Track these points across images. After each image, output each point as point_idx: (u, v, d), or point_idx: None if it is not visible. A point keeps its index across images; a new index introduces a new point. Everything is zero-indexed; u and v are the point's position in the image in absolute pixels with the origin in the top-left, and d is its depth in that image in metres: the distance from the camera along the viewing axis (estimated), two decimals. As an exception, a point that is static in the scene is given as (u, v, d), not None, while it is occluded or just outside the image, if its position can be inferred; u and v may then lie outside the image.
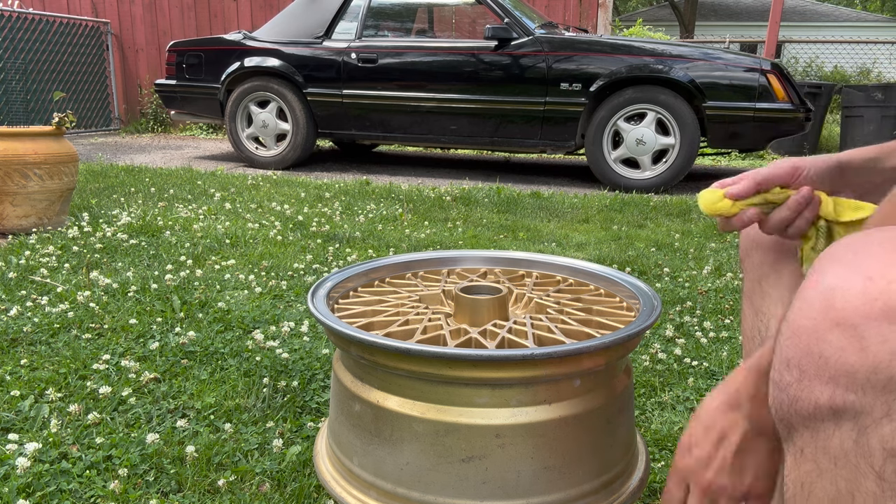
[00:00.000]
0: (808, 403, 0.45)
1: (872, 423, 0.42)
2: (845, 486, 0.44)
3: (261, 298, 1.93)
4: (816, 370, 0.44)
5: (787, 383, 0.46)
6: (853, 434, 0.43)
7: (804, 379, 0.45)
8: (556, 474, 0.72)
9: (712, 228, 3.00)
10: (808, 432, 0.46)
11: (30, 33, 7.13)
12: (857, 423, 0.43)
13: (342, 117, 4.78)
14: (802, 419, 0.46)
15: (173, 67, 5.17)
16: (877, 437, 0.42)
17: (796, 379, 0.46)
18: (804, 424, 0.46)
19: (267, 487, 1.06)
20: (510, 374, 0.68)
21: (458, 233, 2.82)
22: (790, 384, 0.46)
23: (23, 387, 1.36)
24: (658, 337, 1.71)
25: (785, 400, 0.47)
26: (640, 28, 9.49)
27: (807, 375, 0.45)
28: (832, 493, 0.45)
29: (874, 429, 0.42)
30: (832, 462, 0.45)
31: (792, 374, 0.46)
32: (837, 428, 0.44)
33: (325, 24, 4.79)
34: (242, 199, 3.46)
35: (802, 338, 0.45)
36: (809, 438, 0.46)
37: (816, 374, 0.44)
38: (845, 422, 0.44)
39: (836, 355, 0.43)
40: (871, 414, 0.42)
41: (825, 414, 0.44)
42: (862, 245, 0.44)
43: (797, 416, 0.47)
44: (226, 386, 1.39)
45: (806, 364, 0.45)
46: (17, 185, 2.61)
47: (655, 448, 1.20)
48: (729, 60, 4.02)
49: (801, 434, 0.47)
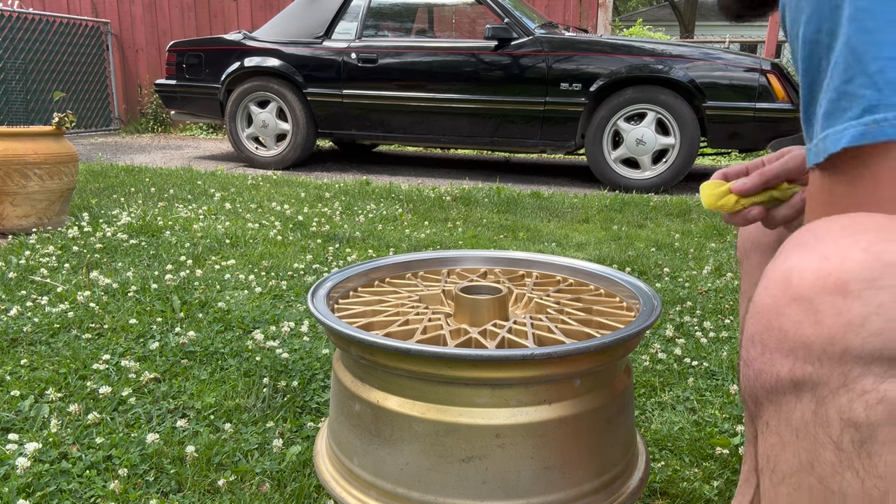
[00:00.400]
0: (770, 376, 0.47)
1: (829, 394, 0.44)
2: (806, 457, 0.46)
3: (261, 298, 1.93)
4: (777, 344, 0.46)
5: (752, 358, 0.48)
6: (812, 405, 0.45)
7: (766, 353, 0.47)
8: (556, 474, 0.72)
9: (712, 228, 3.00)
10: (772, 406, 0.48)
11: (30, 33, 7.13)
12: (815, 395, 0.45)
13: (342, 117, 4.78)
14: (766, 392, 0.48)
15: (173, 67, 5.17)
16: (834, 408, 0.44)
17: (759, 353, 0.47)
18: (768, 398, 0.48)
19: (267, 487, 1.06)
20: (510, 374, 0.68)
21: (458, 233, 2.82)
22: (755, 359, 0.48)
23: (23, 387, 1.36)
24: (658, 337, 1.71)
25: (751, 375, 0.49)
26: (640, 28, 9.49)
27: (768, 349, 0.46)
28: (794, 464, 0.47)
29: (831, 399, 0.44)
30: (794, 434, 0.46)
31: (756, 349, 0.48)
32: (798, 400, 0.46)
33: (325, 24, 4.79)
34: (242, 199, 3.46)
35: (764, 314, 0.47)
36: (773, 412, 0.48)
37: (777, 348, 0.46)
38: (805, 393, 0.45)
39: (794, 328, 0.44)
40: (828, 385, 0.44)
41: (786, 386, 0.46)
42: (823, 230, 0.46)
43: (762, 390, 0.48)
44: (226, 386, 1.39)
45: (767, 338, 0.46)
46: (17, 185, 2.61)
47: (655, 448, 1.20)
48: (729, 60, 4.02)
49: (766, 408, 0.49)
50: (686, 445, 1.20)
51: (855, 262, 0.43)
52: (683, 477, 1.12)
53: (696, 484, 1.09)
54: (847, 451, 0.44)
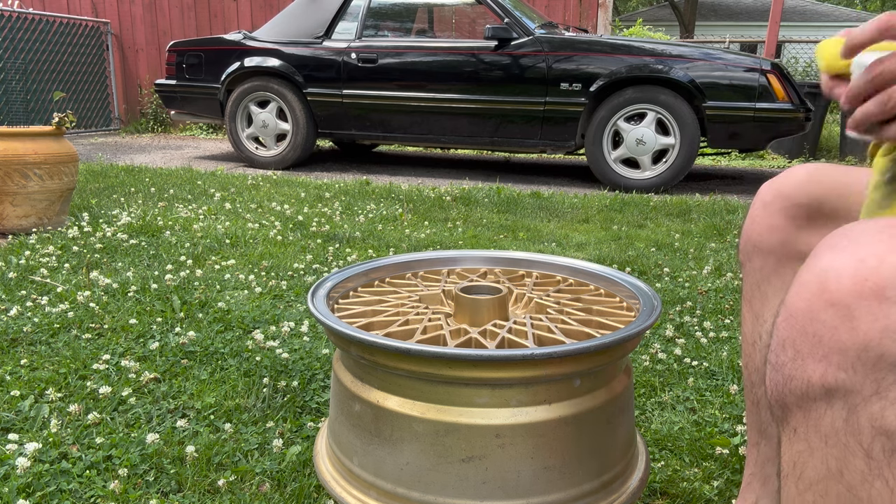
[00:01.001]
0: (801, 382, 0.46)
1: (862, 402, 0.43)
2: (835, 465, 0.45)
3: (261, 298, 1.93)
4: (810, 349, 0.45)
5: (782, 363, 0.47)
6: (843, 412, 0.44)
7: (798, 358, 0.46)
8: (556, 474, 0.72)
9: (712, 228, 3.00)
10: (801, 412, 0.47)
11: (30, 33, 7.13)
12: (847, 402, 0.44)
13: (342, 117, 4.78)
14: (796, 398, 0.47)
15: (173, 67, 5.17)
16: (866, 416, 0.43)
17: (791, 358, 0.47)
18: (797, 404, 0.47)
19: (267, 487, 1.06)
20: (510, 374, 0.68)
21: (458, 233, 2.82)
22: (785, 363, 0.47)
23: (23, 387, 1.36)
24: (658, 337, 1.71)
25: (780, 380, 0.48)
26: (640, 28, 9.49)
27: (801, 354, 0.46)
28: (822, 471, 0.46)
29: (864, 407, 0.43)
30: (823, 441, 0.46)
31: (787, 354, 0.47)
32: (829, 406, 0.45)
33: (325, 24, 4.79)
34: (242, 199, 3.46)
35: (798, 318, 0.46)
36: (802, 418, 0.47)
37: (810, 353, 0.45)
38: (836, 400, 0.44)
39: (829, 334, 0.43)
40: (861, 392, 0.43)
41: (817, 393, 0.45)
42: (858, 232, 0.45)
43: (791, 396, 0.47)
44: (226, 386, 1.39)
45: (800, 343, 0.46)
46: (17, 185, 2.61)
47: (655, 448, 1.20)
48: (729, 60, 4.02)
49: (794, 414, 0.48)
50: (686, 445, 1.20)
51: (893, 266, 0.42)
52: (683, 477, 1.12)
53: (696, 484, 1.09)
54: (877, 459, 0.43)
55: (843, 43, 0.59)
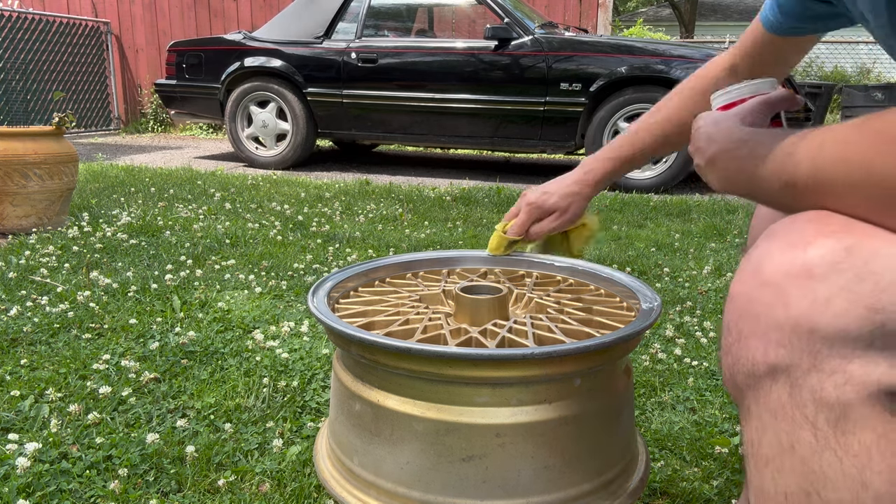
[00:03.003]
0: (747, 361, 0.49)
1: (802, 375, 0.45)
2: (786, 439, 0.47)
3: (261, 298, 1.93)
4: (751, 329, 0.48)
5: (729, 345, 0.50)
6: (787, 387, 0.46)
7: (741, 339, 0.49)
8: (556, 474, 0.72)
9: (712, 228, 3.00)
10: (751, 391, 0.49)
11: (30, 33, 7.13)
12: (789, 377, 0.46)
13: (342, 117, 4.78)
14: (744, 378, 0.49)
15: (173, 67, 5.17)
16: (807, 389, 0.45)
17: (735, 339, 0.49)
18: (746, 383, 0.49)
19: (267, 487, 1.06)
20: (510, 373, 0.68)
21: (458, 233, 2.82)
22: (731, 345, 0.50)
23: (23, 387, 1.36)
24: (658, 337, 1.71)
25: (729, 362, 0.51)
26: (640, 28, 9.48)
27: (743, 335, 0.48)
28: (776, 447, 0.48)
29: (804, 380, 0.45)
30: (773, 417, 0.48)
31: (732, 336, 0.50)
32: (774, 382, 0.47)
33: (325, 24, 4.79)
34: (242, 199, 3.46)
35: (737, 301, 0.49)
36: (752, 396, 0.49)
37: (751, 333, 0.48)
38: (779, 376, 0.47)
39: (765, 312, 0.46)
40: (800, 366, 0.45)
41: (762, 370, 0.48)
42: (789, 221, 0.49)
43: (740, 376, 0.50)
44: (226, 386, 1.39)
45: (742, 325, 0.48)
46: (17, 185, 2.61)
47: (655, 448, 1.20)
48: (729, 60, 4.02)
49: (745, 394, 0.50)
50: (686, 445, 1.20)
51: (819, 247, 0.45)
52: (683, 477, 1.12)
53: (696, 483, 1.09)
54: (823, 430, 0.45)
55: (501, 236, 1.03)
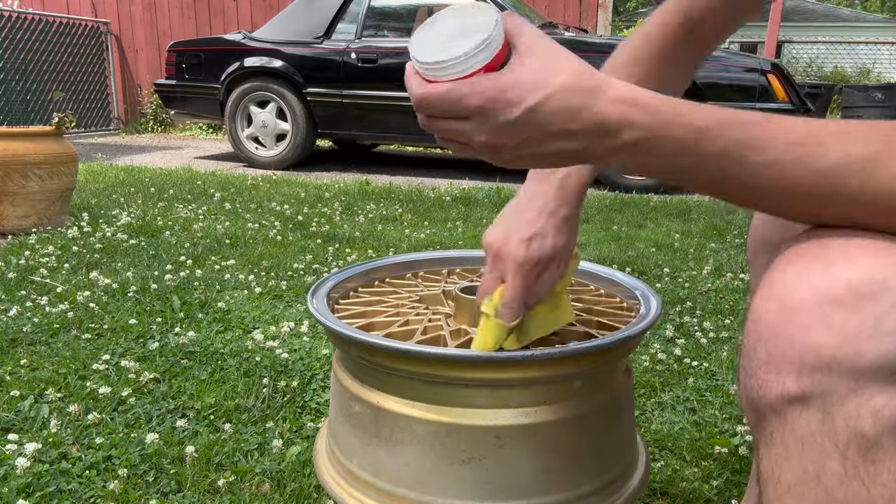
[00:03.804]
0: (776, 386, 0.46)
1: (837, 402, 0.44)
2: (812, 468, 0.45)
3: (261, 298, 1.93)
4: (783, 352, 0.45)
5: (755, 367, 0.48)
6: (819, 415, 0.45)
7: (771, 362, 0.46)
8: (556, 475, 0.72)
9: (712, 228, 3.00)
10: (777, 417, 0.47)
11: (30, 33, 7.13)
12: (822, 403, 0.44)
13: (342, 117, 4.78)
14: (771, 403, 0.47)
15: (173, 67, 5.17)
16: (841, 417, 0.44)
17: (763, 363, 0.47)
18: (772, 409, 0.47)
19: (267, 487, 1.06)
20: (510, 374, 0.68)
21: (458, 233, 2.82)
22: (757, 368, 0.47)
23: (23, 387, 1.35)
24: (658, 337, 1.71)
25: (754, 385, 0.48)
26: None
27: (773, 359, 0.46)
28: (799, 474, 0.46)
29: (839, 408, 0.44)
30: (799, 444, 0.46)
31: (759, 358, 0.47)
32: (804, 409, 0.45)
33: (324, 25, 4.79)
34: (242, 199, 3.46)
35: (769, 322, 0.46)
36: (778, 423, 0.47)
37: (783, 357, 0.45)
38: (812, 402, 0.45)
39: (802, 336, 0.44)
40: (836, 392, 0.43)
41: (793, 396, 0.45)
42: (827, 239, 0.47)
43: (765, 401, 0.48)
44: (226, 386, 1.39)
45: (773, 347, 0.46)
46: (16, 185, 2.61)
47: (655, 448, 1.20)
48: (729, 60, 4.02)
49: (769, 419, 0.48)
50: (686, 445, 1.20)
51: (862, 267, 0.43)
52: (683, 477, 1.12)
53: (696, 484, 1.09)
54: (853, 460, 0.43)
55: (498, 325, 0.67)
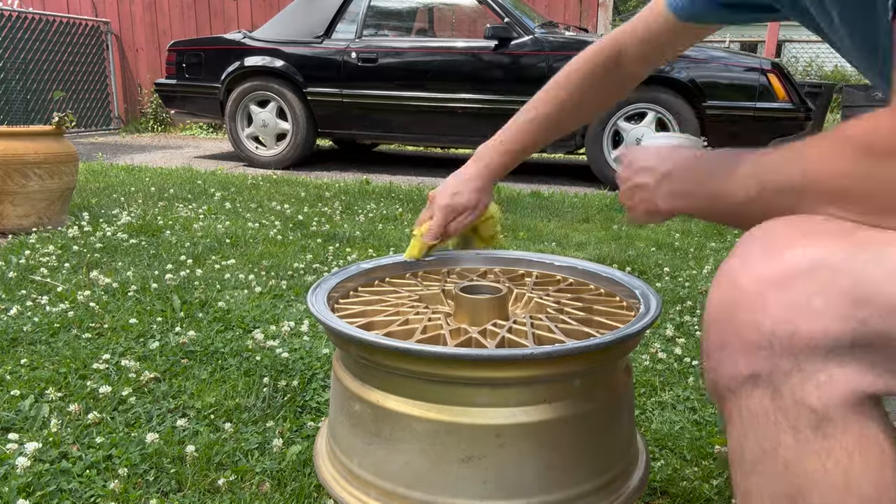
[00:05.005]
0: (728, 367, 0.49)
1: (783, 379, 0.46)
2: (769, 444, 0.48)
3: (261, 298, 1.93)
4: (731, 335, 0.48)
5: (710, 351, 0.51)
6: (769, 392, 0.47)
7: (724, 346, 0.49)
8: (557, 474, 0.72)
9: (712, 228, 3.00)
10: (734, 397, 0.50)
11: (30, 33, 7.12)
12: (770, 381, 0.47)
13: (342, 117, 4.78)
14: (727, 383, 0.50)
15: (173, 67, 5.17)
16: (788, 393, 0.46)
17: (717, 347, 0.50)
18: (729, 389, 0.50)
19: (267, 487, 1.06)
20: (510, 373, 0.68)
21: (458, 232, 2.81)
22: (712, 352, 0.50)
23: (23, 386, 1.36)
24: (658, 337, 1.71)
25: (712, 368, 0.51)
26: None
27: (725, 342, 0.49)
28: (759, 452, 0.48)
29: (785, 384, 0.46)
30: (755, 421, 0.48)
31: (713, 343, 0.50)
32: (755, 387, 0.48)
33: (325, 24, 4.79)
34: (242, 199, 3.46)
35: (717, 308, 0.50)
36: (734, 403, 0.50)
37: (732, 340, 0.48)
38: (761, 380, 0.47)
39: (745, 318, 0.47)
40: (781, 369, 0.46)
41: (744, 375, 0.48)
42: (772, 226, 0.50)
43: (723, 382, 0.50)
44: (226, 385, 1.39)
45: (723, 331, 0.49)
46: (17, 185, 2.61)
47: (655, 448, 1.21)
48: (729, 60, 4.02)
49: (728, 400, 0.51)
50: (686, 445, 1.20)
51: (796, 250, 0.46)
52: (683, 476, 1.12)
53: (696, 483, 1.09)
54: (805, 434, 0.46)
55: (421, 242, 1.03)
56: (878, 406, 0.46)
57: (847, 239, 0.45)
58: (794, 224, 0.49)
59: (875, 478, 0.44)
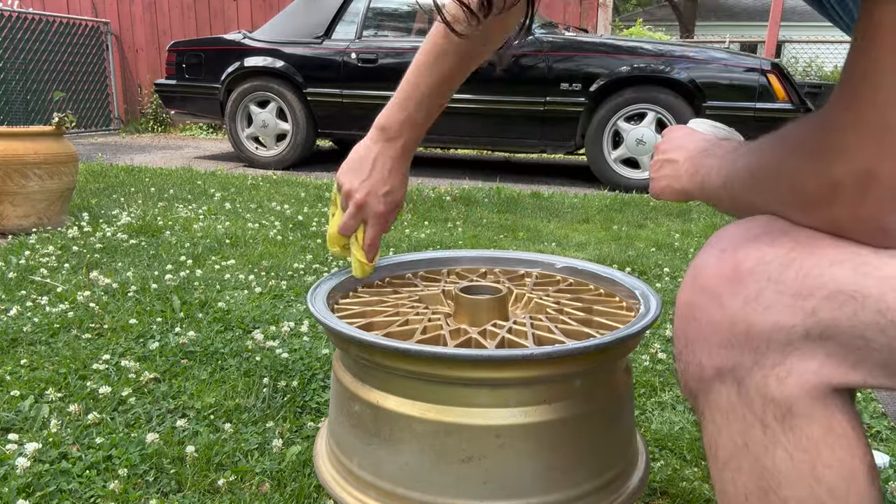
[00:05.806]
0: (695, 366, 0.50)
1: (746, 373, 0.47)
2: (740, 439, 0.48)
3: (261, 298, 1.93)
4: (695, 334, 0.49)
5: (679, 352, 0.52)
6: (735, 387, 0.48)
7: (689, 345, 0.50)
8: (557, 474, 0.72)
9: (712, 228, 3.00)
10: (704, 395, 0.51)
11: (30, 33, 7.13)
12: (735, 376, 0.48)
13: (342, 117, 4.78)
14: (696, 382, 0.51)
15: (173, 67, 5.17)
16: (752, 387, 0.47)
17: (683, 346, 0.51)
18: (699, 388, 0.51)
19: (267, 487, 1.06)
20: (510, 374, 0.68)
21: (458, 233, 2.82)
22: (680, 352, 0.51)
23: (23, 387, 1.36)
24: (658, 337, 1.71)
25: (681, 368, 0.52)
26: (640, 28, 9.48)
27: (690, 341, 0.50)
28: (731, 448, 0.49)
29: (749, 378, 0.47)
30: (725, 417, 0.49)
31: (680, 343, 0.51)
32: (722, 384, 0.49)
33: (325, 24, 4.79)
34: (242, 199, 3.46)
35: (682, 309, 0.51)
36: (705, 400, 0.51)
37: (696, 338, 0.49)
38: (726, 376, 0.48)
39: (704, 316, 0.48)
40: (743, 364, 0.47)
41: (710, 373, 0.49)
42: (726, 230, 0.51)
43: (692, 381, 0.51)
44: (226, 386, 1.39)
45: (687, 331, 0.50)
46: (17, 185, 2.61)
47: (655, 448, 1.20)
48: (729, 60, 4.02)
49: (699, 399, 0.51)
50: (686, 445, 1.20)
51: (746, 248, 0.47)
52: (683, 476, 1.12)
53: (696, 483, 1.09)
54: (772, 427, 0.46)
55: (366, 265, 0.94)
56: (844, 397, 0.46)
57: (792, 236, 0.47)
58: (747, 222, 0.50)
59: (843, 469, 0.45)
